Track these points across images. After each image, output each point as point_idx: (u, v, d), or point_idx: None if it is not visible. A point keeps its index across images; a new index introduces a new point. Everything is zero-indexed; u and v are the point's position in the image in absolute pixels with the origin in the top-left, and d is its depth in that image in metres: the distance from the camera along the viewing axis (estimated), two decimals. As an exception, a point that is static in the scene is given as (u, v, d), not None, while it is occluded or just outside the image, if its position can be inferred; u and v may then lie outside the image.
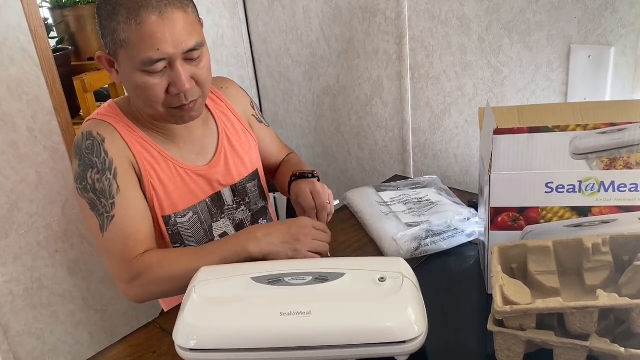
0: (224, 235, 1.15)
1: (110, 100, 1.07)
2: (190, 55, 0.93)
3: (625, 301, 0.68)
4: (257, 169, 1.20)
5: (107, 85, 1.90)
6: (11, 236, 1.35)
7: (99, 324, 1.58)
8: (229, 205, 1.15)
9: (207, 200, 1.11)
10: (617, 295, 0.69)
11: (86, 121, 1.04)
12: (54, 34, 1.83)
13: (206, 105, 1.12)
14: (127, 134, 1.01)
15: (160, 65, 0.91)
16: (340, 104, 1.67)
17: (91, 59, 1.87)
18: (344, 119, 1.68)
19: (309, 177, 1.13)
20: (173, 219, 1.05)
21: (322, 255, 1.01)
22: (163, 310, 1.26)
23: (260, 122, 1.26)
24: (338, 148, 1.75)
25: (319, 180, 1.14)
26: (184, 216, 1.06)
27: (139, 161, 1.01)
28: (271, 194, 1.43)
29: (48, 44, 1.35)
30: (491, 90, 1.31)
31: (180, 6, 0.91)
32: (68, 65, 1.74)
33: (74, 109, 1.69)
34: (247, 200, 1.18)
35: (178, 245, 1.08)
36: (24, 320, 1.42)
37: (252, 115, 1.23)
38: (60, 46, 1.78)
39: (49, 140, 1.38)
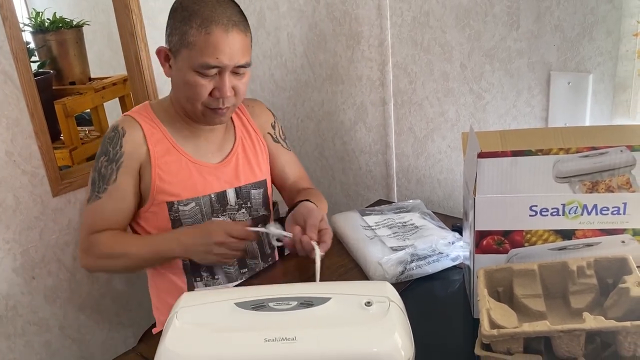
0: None
1: (147, 102, 1.24)
2: (237, 70, 1.09)
3: (612, 324, 0.68)
4: (265, 180, 1.28)
5: (88, 110, 1.88)
6: (-14, 262, 1.32)
7: (76, 354, 1.53)
8: (231, 205, 1.23)
9: (212, 196, 1.20)
10: (603, 318, 0.69)
11: (121, 116, 1.20)
12: (35, 58, 1.82)
13: (231, 119, 1.27)
14: (149, 129, 1.16)
15: (213, 71, 1.07)
16: (324, 128, 1.68)
17: (73, 83, 1.86)
18: (328, 143, 1.69)
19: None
20: (176, 205, 1.17)
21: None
22: (142, 337, 1.24)
23: (277, 141, 1.34)
24: (322, 173, 1.75)
25: None
26: (186, 205, 1.18)
27: (151, 152, 1.15)
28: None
29: (29, 67, 1.34)
30: (473, 115, 1.33)
31: (243, 29, 1.09)
32: (49, 89, 1.72)
33: (55, 133, 1.67)
34: (249, 205, 1.26)
35: None
36: (-4, 350, 1.37)
37: (268, 132, 1.32)
38: (41, 70, 1.77)
39: (28, 164, 1.36)
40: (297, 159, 1.38)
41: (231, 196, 1.23)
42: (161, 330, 0.84)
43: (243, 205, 1.25)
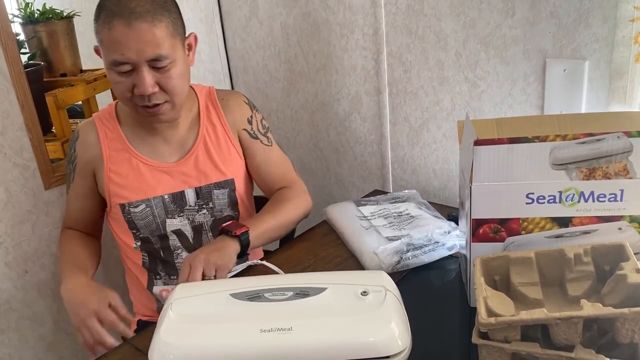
0: (178, 232, 1.19)
1: (114, 101, 1.22)
2: (155, 64, 1.02)
3: (609, 310, 0.68)
4: (232, 179, 1.20)
5: (80, 102, 1.86)
6: (-22, 257, 1.30)
7: (71, 348, 1.52)
8: (190, 205, 1.19)
9: (166, 197, 1.17)
10: (601, 305, 0.69)
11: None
12: (25, 50, 1.79)
13: (199, 112, 1.21)
14: (104, 131, 1.17)
15: (125, 67, 1.02)
16: (318, 119, 1.67)
17: (64, 74, 1.84)
18: (322, 134, 1.68)
19: (229, 235, 1.06)
20: (127, 207, 1.16)
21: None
22: (136, 329, 1.23)
23: (255, 137, 1.24)
24: (317, 164, 1.74)
25: (243, 242, 1.06)
26: (136, 207, 1.16)
27: (104, 155, 1.16)
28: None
29: (19, 58, 1.32)
30: (468, 104, 1.32)
31: (151, 20, 1.00)
32: (40, 81, 1.70)
33: (46, 126, 1.65)
34: (211, 206, 1.20)
35: (134, 231, 1.18)
36: (-10, 344, 1.36)
37: (244, 129, 1.23)
38: (32, 62, 1.74)
39: (20, 157, 1.34)
40: (280, 153, 1.29)
41: (190, 196, 1.18)
42: (155, 322, 0.83)
43: (204, 206, 1.20)
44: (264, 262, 1.05)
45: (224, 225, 1.10)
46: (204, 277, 0.97)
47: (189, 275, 0.97)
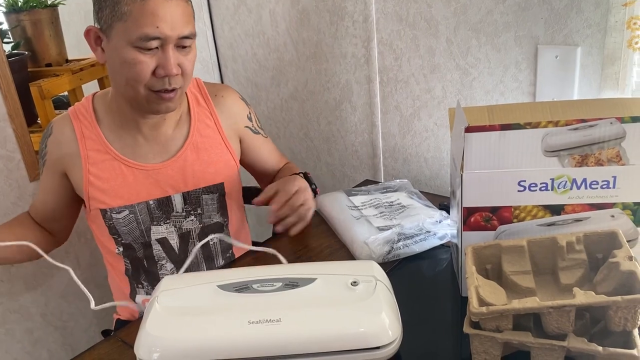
0: (163, 240, 1.14)
1: (93, 92, 1.14)
2: (182, 42, 0.96)
3: (602, 298, 0.67)
4: (222, 183, 1.15)
5: (66, 92, 1.83)
6: (-38, 250, 1.27)
7: (59, 341, 1.51)
8: (177, 212, 1.13)
9: (151, 202, 1.10)
10: (593, 293, 0.68)
11: (64, 112, 1.13)
12: (9, 39, 1.76)
13: (189, 109, 1.13)
14: (82, 130, 1.08)
15: (154, 43, 0.94)
16: (308, 108, 1.65)
17: (49, 64, 1.80)
18: (312, 124, 1.66)
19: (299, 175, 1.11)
20: (109, 213, 1.09)
21: None
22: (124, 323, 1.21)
23: (257, 133, 1.22)
24: (307, 154, 1.72)
25: (310, 181, 1.11)
26: (119, 213, 1.09)
27: (82, 156, 1.07)
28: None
29: (2, 48, 1.29)
30: (460, 92, 1.30)
31: None
32: (24, 71, 1.66)
33: (31, 117, 1.62)
34: (199, 212, 1.14)
35: (116, 237, 1.13)
36: (-24, 339, 1.34)
37: (246, 127, 1.20)
38: (15, 51, 1.71)
39: (3, 148, 1.31)
40: (272, 142, 1.29)
41: (178, 202, 1.11)
42: (141, 316, 0.81)
43: (192, 212, 1.13)
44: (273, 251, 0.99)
45: (297, 172, 1.13)
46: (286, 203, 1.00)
47: (275, 197, 1.00)
